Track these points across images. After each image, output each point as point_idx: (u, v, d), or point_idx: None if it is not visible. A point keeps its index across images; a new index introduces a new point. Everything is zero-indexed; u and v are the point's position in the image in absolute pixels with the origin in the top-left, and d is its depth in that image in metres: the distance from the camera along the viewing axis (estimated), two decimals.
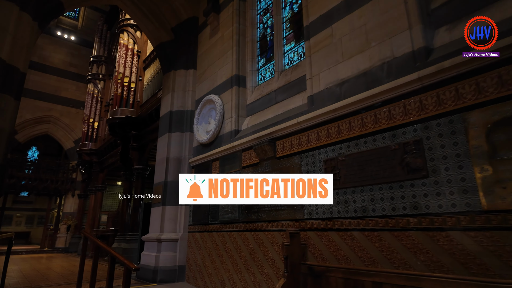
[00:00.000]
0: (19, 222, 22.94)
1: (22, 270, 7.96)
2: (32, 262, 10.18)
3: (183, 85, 6.52)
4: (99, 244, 4.01)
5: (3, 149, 4.45)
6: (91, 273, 4.16)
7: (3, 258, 11.27)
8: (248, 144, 4.60)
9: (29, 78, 15.42)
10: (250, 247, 4.27)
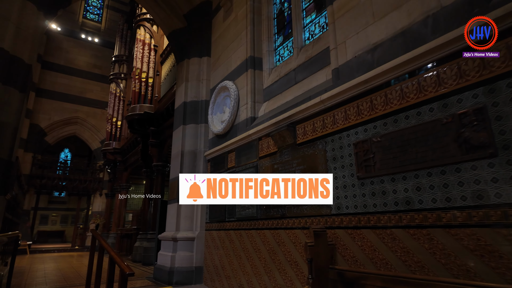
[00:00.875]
0: (55, 221, 23.89)
1: (52, 268, 7.98)
2: (60, 260, 10.29)
3: (197, 73, 6.12)
4: (102, 243, 3.66)
5: (7, 143, 4.24)
6: (95, 274, 3.83)
7: (39, 257, 11.58)
8: (265, 131, 4.09)
9: (56, 81, 15.89)
10: (270, 247, 3.75)
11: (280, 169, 3.77)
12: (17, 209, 6.55)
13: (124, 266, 2.58)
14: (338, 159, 3.02)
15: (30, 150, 14.44)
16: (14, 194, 5.69)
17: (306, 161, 3.40)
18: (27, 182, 14.13)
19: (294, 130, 3.63)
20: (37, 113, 15.01)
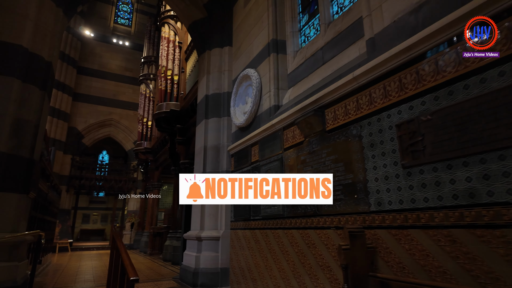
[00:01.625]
0: (96, 220, 25.06)
1: (86, 267, 8.14)
2: (96, 258, 10.56)
3: (219, 65, 5.81)
4: (118, 244, 3.45)
5: (28, 142, 4.19)
6: (112, 275, 3.64)
7: (78, 254, 12.04)
8: (289, 119, 3.66)
9: (91, 85, 16.51)
10: (298, 249, 3.32)
11: (307, 160, 3.32)
12: (50, 208, 6.65)
13: (130, 270, 2.30)
14: (377, 145, 2.53)
15: (68, 152, 15.11)
16: (45, 193, 5.74)
17: (338, 150, 2.93)
18: (67, 183, 14.82)
19: (322, 115, 3.17)
20: (74, 117, 15.68)
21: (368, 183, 2.56)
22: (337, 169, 2.90)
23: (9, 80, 4.04)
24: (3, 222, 3.80)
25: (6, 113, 3.96)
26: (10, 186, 3.91)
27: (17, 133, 4.06)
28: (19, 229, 3.97)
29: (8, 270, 3.73)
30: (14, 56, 4.14)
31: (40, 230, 5.63)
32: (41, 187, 5.27)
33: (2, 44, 4.08)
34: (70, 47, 15.24)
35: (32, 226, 5.01)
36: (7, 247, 3.79)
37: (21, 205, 4.04)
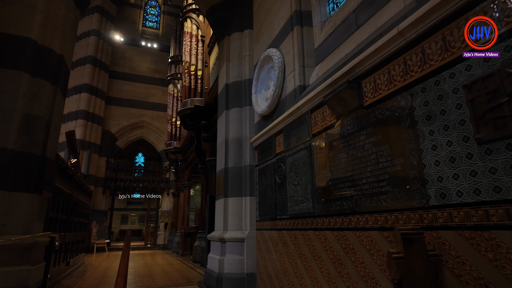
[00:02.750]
0: (134, 220, 25.90)
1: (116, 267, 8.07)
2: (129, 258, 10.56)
3: (239, 50, 5.32)
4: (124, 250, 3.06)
5: (39, 138, 3.97)
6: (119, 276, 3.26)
7: (113, 254, 12.24)
8: (317, 99, 3.06)
9: (122, 88, 16.87)
10: (333, 254, 2.72)
11: (341, 146, 2.71)
12: (76, 209, 6.58)
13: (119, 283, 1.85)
14: (436, 117, 1.87)
15: (103, 155, 15.51)
16: (68, 193, 5.61)
17: (381, 129, 2.29)
18: (103, 184, 15.21)
19: (358, 88, 2.54)
20: (107, 120, 16.09)
21: (426, 169, 1.90)
22: (381, 154, 2.26)
23: (17, 74, 3.84)
24: (14, 224, 3.59)
25: (14, 108, 3.75)
26: (20, 186, 3.70)
27: (27, 130, 3.85)
28: (32, 231, 3.75)
29: (19, 275, 3.50)
30: (22, 50, 3.94)
31: (63, 232, 5.53)
32: (61, 187, 5.12)
33: (9, 38, 3.90)
34: (101, 52, 15.64)
35: (53, 227, 4.87)
36: (18, 250, 3.57)
37: (34, 205, 3.82)
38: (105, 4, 16.06)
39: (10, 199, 3.59)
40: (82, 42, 15.46)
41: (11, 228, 3.55)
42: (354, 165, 2.53)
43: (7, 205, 3.55)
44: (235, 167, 4.78)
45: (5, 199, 3.54)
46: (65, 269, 6.07)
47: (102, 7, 15.92)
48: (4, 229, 3.50)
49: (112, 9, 16.59)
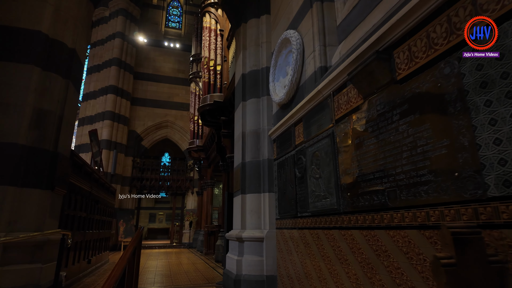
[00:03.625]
0: (161, 219, 26.31)
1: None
2: (154, 257, 10.59)
3: (255, 37, 5.00)
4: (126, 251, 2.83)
5: (51, 133, 3.88)
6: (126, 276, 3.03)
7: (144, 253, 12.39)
8: (341, 79, 2.67)
9: (147, 89, 17.12)
10: (362, 258, 2.32)
11: (370, 130, 2.30)
12: (98, 206, 6.57)
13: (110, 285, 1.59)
14: (494, 83, 1.44)
15: (130, 155, 15.80)
16: (87, 191, 5.56)
17: (418, 106, 1.88)
18: (129, 183, 15.49)
19: (389, 60, 2.13)
20: (133, 120, 16.39)
21: (481, 150, 1.48)
22: (419, 136, 1.85)
23: (27, 68, 3.77)
24: (25, 221, 3.50)
25: (25, 103, 3.68)
26: (32, 182, 3.61)
27: (38, 125, 3.77)
28: (44, 228, 3.64)
29: (30, 273, 3.40)
30: (33, 43, 3.87)
31: (83, 230, 5.49)
32: (79, 184, 5.06)
33: (20, 31, 3.83)
34: (126, 54, 15.94)
35: (70, 225, 4.81)
36: (29, 248, 3.47)
37: (46, 202, 3.73)
38: (128, 6, 16.36)
39: (21, 195, 3.51)
40: (108, 44, 15.84)
41: (22, 225, 3.47)
42: (386, 152, 2.12)
43: (18, 201, 3.47)
44: (252, 162, 4.47)
45: (16, 196, 3.46)
46: (87, 267, 6.05)
47: (126, 9, 16.23)
48: (15, 226, 3.42)
49: (135, 11, 16.87)
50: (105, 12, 16.43)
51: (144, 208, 23.22)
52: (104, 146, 14.23)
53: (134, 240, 2.92)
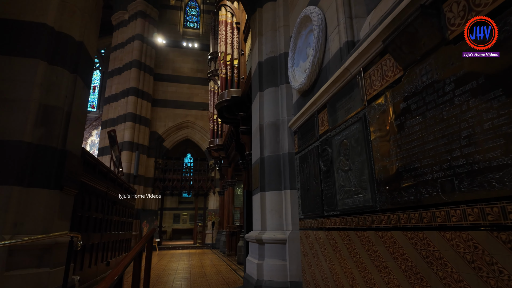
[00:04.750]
0: (185, 220, 26.48)
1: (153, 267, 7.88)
2: (175, 258, 10.45)
3: (272, 22, 4.61)
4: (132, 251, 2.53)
5: (58, 130, 3.68)
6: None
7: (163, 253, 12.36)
8: (373, 49, 2.23)
9: (167, 90, 17.15)
10: (408, 265, 1.88)
11: (414, 107, 1.86)
12: (115, 207, 6.42)
13: None
14: None
15: (152, 156, 15.86)
16: (104, 192, 5.40)
17: (478, 69, 1.42)
18: (152, 184, 15.55)
19: (438, 15, 1.68)
20: (154, 121, 16.44)
21: None
22: (486, 106, 1.40)
23: (32, 62, 3.58)
24: (32, 222, 3.30)
25: (30, 98, 3.48)
26: (38, 181, 3.41)
27: (44, 121, 3.57)
28: (52, 230, 3.44)
29: (37, 278, 3.20)
30: (38, 36, 3.67)
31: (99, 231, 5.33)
32: (92, 184, 4.89)
33: (24, 24, 3.66)
34: (145, 56, 16.01)
35: (84, 227, 4.63)
36: (36, 251, 3.27)
37: (54, 202, 3.52)
38: (147, 8, 16.44)
39: (27, 195, 3.31)
40: (128, 47, 15.99)
41: (29, 227, 3.27)
42: (436, 132, 1.67)
43: (24, 202, 3.28)
44: (272, 156, 4.08)
45: (22, 196, 3.27)
46: (105, 269, 5.91)
47: (144, 11, 16.32)
48: (21, 228, 3.22)
49: (154, 13, 16.93)
50: (125, 15, 16.60)
51: (168, 208, 23.42)
52: (126, 148, 14.33)
53: (140, 243, 2.62)
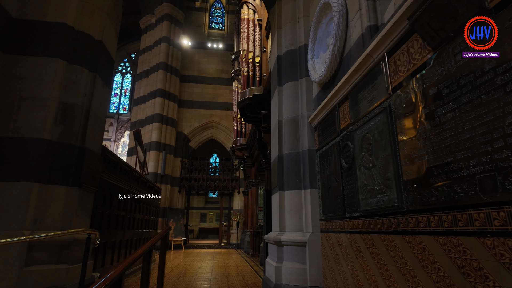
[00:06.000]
0: (211, 219, 26.73)
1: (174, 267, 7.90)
2: (199, 257, 10.48)
3: (291, 13, 4.41)
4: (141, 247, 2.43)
5: (77, 128, 3.72)
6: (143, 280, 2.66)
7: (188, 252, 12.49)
8: (398, 31, 1.98)
9: (192, 91, 17.39)
10: (439, 275, 1.62)
11: (446, 92, 1.60)
12: (139, 205, 6.50)
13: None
14: None
15: (178, 156, 16.13)
16: (126, 189, 5.46)
17: None
18: (178, 184, 15.80)
19: None
20: (180, 122, 16.72)
21: None
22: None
23: (53, 61, 3.64)
24: (51, 219, 3.35)
25: (51, 97, 3.55)
26: (58, 178, 3.46)
27: (63, 119, 3.62)
28: (71, 226, 3.48)
29: (55, 274, 3.23)
30: (58, 36, 3.74)
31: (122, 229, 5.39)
32: (114, 181, 4.94)
33: (45, 25, 3.74)
34: (172, 58, 16.33)
35: (105, 224, 4.68)
36: (55, 247, 3.31)
37: (73, 199, 3.56)
38: (173, 11, 16.76)
39: (46, 192, 3.36)
40: (155, 50, 16.38)
41: (48, 223, 3.31)
42: (473, 120, 1.41)
43: (44, 198, 3.33)
44: (291, 154, 3.88)
45: (41, 192, 3.32)
46: (130, 267, 5.98)
47: (170, 14, 16.65)
48: (41, 224, 3.28)
49: (179, 15, 17.23)
50: (152, 19, 17.03)
51: (195, 208, 23.74)
52: (154, 148, 14.67)
53: (149, 243, 2.53)
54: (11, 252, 3.00)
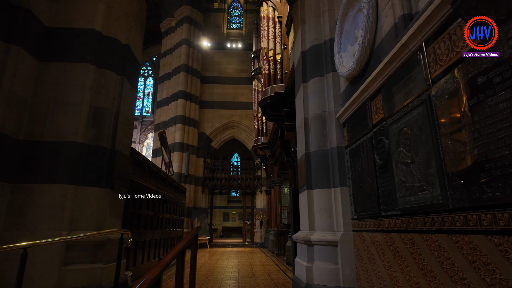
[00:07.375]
0: (234, 218, 26.92)
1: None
2: (223, 256, 10.55)
3: (315, 7, 4.31)
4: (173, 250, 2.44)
5: (107, 131, 3.82)
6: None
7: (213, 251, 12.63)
8: (438, 18, 1.87)
9: (213, 91, 17.55)
10: (494, 278, 1.51)
11: (498, 80, 1.48)
12: (166, 205, 6.62)
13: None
14: None
15: (201, 156, 16.34)
16: (154, 190, 5.57)
17: None
18: (201, 183, 16.00)
19: None
20: (202, 123, 16.92)
21: None
22: None
23: (83, 67, 3.75)
24: (86, 219, 3.45)
25: (82, 101, 3.66)
26: (91, 180, 3.56)
27: (95, 122, 3.72)
28: (104, 227, 3.57)
29: (91, 273, 3.32)
30: (87, 41, 3.85)
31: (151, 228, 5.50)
32: (143, 182, 5.04)
33: (74, 31, 3.85)
34: (192, 60, 16.54)
35: (136, 223, 4.79)
36: (90, 247, 3.41)
37: (105, 200, 3.66)
38: (192, 13, 16.96)
39: (81, 194, 3.47)
40: (176, 52, 16.65)
41: (83, 224, 3.42)
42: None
43: (78, 200, 3.44)
44: (318, 151, 3.79)
45: (76, 194, 3.43)
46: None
47: (189, 16, 16.86)
48: (76, 225, 3.38)
49: (198, 17, 17.42)
50: (172, 22, 17.32)
51: (218, 207, 23.95)
52: (177, 149, 14.93)
53: (183, 242, 2.54)
54: (51, 251, 3.11)
